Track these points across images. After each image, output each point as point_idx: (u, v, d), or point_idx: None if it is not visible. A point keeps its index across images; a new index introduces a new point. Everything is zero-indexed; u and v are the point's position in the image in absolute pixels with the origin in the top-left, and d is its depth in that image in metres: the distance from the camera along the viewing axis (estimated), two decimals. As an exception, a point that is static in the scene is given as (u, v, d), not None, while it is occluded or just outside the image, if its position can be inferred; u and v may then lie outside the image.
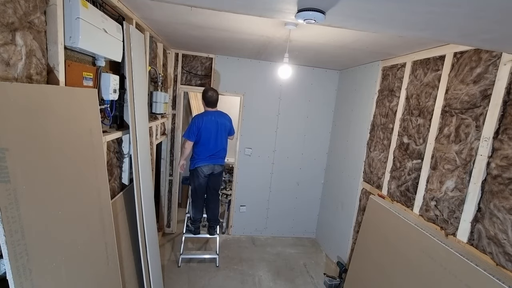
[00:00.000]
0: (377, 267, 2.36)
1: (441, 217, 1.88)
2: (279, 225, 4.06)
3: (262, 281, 3.05)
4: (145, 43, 2.31)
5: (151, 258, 2.20)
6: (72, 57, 1.42)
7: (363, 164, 2.94)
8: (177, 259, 3.23)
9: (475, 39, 1.23)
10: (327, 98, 3.80)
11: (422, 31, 1.20)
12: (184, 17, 2.04)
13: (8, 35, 1.00)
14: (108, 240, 1.58)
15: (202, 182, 3.11)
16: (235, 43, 2.76)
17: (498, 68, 1.56)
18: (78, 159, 1.34)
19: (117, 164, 2.03)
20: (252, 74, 3.60)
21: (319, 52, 2.77)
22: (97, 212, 1.49)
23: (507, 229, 1.45)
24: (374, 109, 2.84)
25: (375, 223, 2.49)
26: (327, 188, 3.89)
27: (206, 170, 3.06)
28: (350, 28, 1.41)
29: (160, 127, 3.22)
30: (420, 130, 2.15)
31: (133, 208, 2.05)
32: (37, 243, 1.03)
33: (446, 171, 1.87)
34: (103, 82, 1.66)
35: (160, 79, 2.84)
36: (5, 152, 0.92)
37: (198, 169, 3.05)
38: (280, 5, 1.08)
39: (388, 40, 2.09)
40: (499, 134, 1.54)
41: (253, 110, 3.69)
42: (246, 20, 1.97)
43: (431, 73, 2.10)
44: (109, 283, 1.58)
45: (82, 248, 1.32)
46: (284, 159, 3.89)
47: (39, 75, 1.18)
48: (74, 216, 1.28)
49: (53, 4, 1.20)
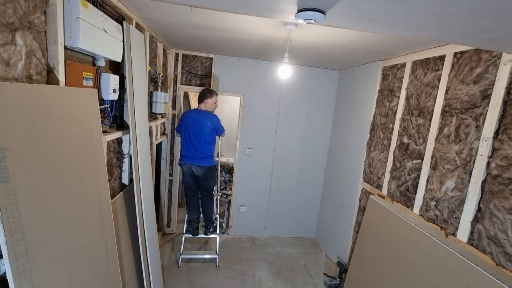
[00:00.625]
0: (377, 267, 2.36)
1: (441, 217, 1.88)
2: (279, 225, 4.06)
3: (262, 281, 3.05)
4: (145, 43, 2.31)
5: (151, 258, 2.20)
6: (72, 57, 1.42)
7: (363, 164, 2.94)
8: (177, 259, 3.23)
9: (475, 39, 1.23)
10: (327, 98, 3.80)
11: (422, 31, 1.20)
12: (184, 17, 2.04)
13: (8, 35, 1.00)
14: (108, 240, 1.58)
15: (189, 181, 3.13)
16: (235, 43, 2.76)
17: (498, 68, 1.56)
18: (78, 159, 1.34)
19: (117, 164, 2.03)
20: (252, 74, 3.60)
21: (319, 52, 2.77)
22: (97, 212, 1.49)
23: (507, 229, 1.45)
24: (374, 109, 2.84)
25: (375, 223, 2.49)
26: (327, 188, 3.89)
27: (186, 169, 3.08)
28: (350, 28, 1.41)
29: (160, 127, 3.22)
30: (420, 130, 2.15)
31: (133, 208, 2.05)
32: (37, 243, 1.03)
33: (446, 171, 1.87)
34: (103, 82, 1.66)
35: (160, 79, 2.84)
36: (5, 152, 0.92)
37: (180, 166, 3.15)
38: (280, 5, 1.08)
39: (388, 40, 2.09)
40: (499, 134, 1.54)
41: (253, 110, 3.69)
42: (246, 20, 1.97)
43: (431, 73, 2.10)
44: (109, 283, 1.58)
45: (82, 248, 1.32)
46: (284, 159, 3.89)
47: (39, 75, 1.18)
48: (74, 216, 1.28)
49: (53, 4, 1.20)
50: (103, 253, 1.53)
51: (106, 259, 1.55)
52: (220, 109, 4.63)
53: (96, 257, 1.47)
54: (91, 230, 1.43)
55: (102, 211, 1.53)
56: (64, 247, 1.20)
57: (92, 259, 1.42)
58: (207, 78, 3.57)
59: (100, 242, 1.51)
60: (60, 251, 1.17)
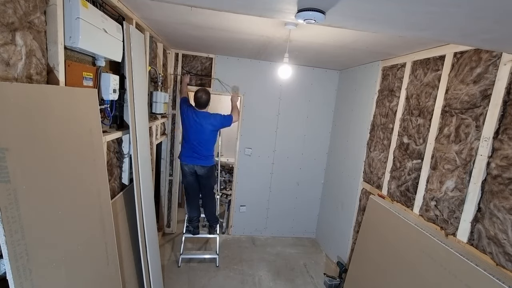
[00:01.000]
0: (377, 267, 2.36)
1: (441, 217, 1.88)
2: (279, 225, 4.06)
3: (262, 281, 3.05)
4: (145, 43, 2.31)
5: (151, 258, 2.20)
6: (72, 57, 1.42)
7: (363, 164, 2.94)
8: (177, 259, 3.22)
9: (475, 39, 1.23)
10: (327, 98, 3.80)
11: (422, 31, 1.20)
12: (184, 17, 2.04)
13: (8, 35, 1.00)
14: (108, 240, 1.58)
15: (190, 180, 3.13)
16: (235, 43, 2.76)
17: (498, 68, 1.56)
18: (78, 159, 1.34)
19: (117, 164, 2.03)
20: (252, 74, 3.60)
21: (319, 52, 2.77)
22: (97, 212, 1.49)
23: (507, 229, 1.45)
24: (374, 109, 2.84)
25: (375, 223, 2.49)
26: (327, 188, 3.89)
27: (188, 168, 3.08)
28: (350, 28, 1.41)
29: (160, 127, 3.22)
30: (420, 130, 2.15)
31: (133, 208, 2.05)
32: (37, 243, 1.03)
33: (446, 171, 1.87)
34: (103, 82, 1.66)
35: (160, 79, 2.84)
36: (5, 152, 0.92)
37: (181, 165, 3.13)
38: (280, 5, 1.08)
39: (388, 40, 2.08)
40: (499, 134, 1.54)
41: (253, 110, 3.69)
42: (246, 20, 1.97)
43: (431, 73, 2.10)
44: (109, 283, 1.58)
45: (82, 248, 1.32)
46: (284, 159, 3.89)
47: (39, 75, 1.18)
48: (74, 216, 1.28)
49: (53, 4, 1.20)
50: (103, 253, 1.53)
51: (106, 259, 1.55)
52: (220, 109, 4.63)
53: (96, 257, 1.47)
54: (91, 230, 1.43)
55: (102, 211, 1.53)
56: (64, 247, 1.20)
57: (92, 259, 1.42)
58: (207, 78, 3.57)
59: (100, 242, 1.51)
60: (60, 251, 1.17)
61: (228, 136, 4.88)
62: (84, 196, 1.37)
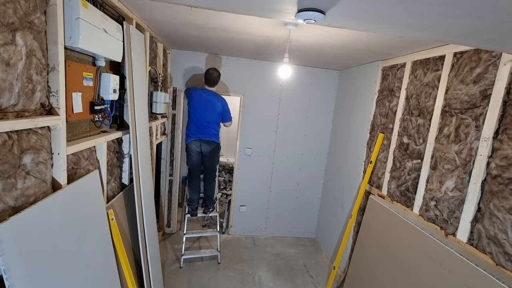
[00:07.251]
0: (377, 267, 2.36)
1: (441, 217, 1.88)
2: (279, 225, 4.06)
3: (262, 281, 3.05)
4: (145, 43, 2.31)
5: (151, 258, 2.20)
6: (72, 57, 1.42)
7: (363, 164, 2.94)
8: (177, 258, 3.23)
9: (475, 39, 1.23)
10: (327, 98, 3.80)
11: (422, 31, 1.20)
12: (184, 17, 2.04)
13: (8, 35, 1.00)
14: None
15: (195, 160, 3.17)
16: (235, 43, 2.76)
17: (498, 68, 1.56)
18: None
19: (117, 164, 2.03)
20: (252, 74, 3.60)
21: (319, 52, 2.77)
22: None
23: (507, 229, 1.45)
24: (374, 109, 2.84)
25: (375, 223, 2.49)
26: (327, 188, 3.89)
27: (195, 146, 3.10)
28: (350, 28, 1.41)
29: (160, 127, 3.22)
30: (420, 130, 2.15)
31: (133, 208, 2.05)
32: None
33: (446, 171, 1.87)
34: (103, 82, 1.66)
35: (160, 79, 2.84)
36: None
37: (187, 146, 3.15)
38: (280, 5, 1.08)
39: (388, 40, 2.09)
40: (499, 134, 1.54)
41: (253, 110, 3.69)
42: (246, 20, 1.97)
43: (431, 73, 2.10)
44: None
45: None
46: (284, 159, 3.89)
47: (39, 75, 1.18)
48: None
49: (53, 4, 1.20)
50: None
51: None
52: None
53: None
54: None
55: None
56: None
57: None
58: (207, 78, 3.56)
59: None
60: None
61: (228, 136, 4.87)
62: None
